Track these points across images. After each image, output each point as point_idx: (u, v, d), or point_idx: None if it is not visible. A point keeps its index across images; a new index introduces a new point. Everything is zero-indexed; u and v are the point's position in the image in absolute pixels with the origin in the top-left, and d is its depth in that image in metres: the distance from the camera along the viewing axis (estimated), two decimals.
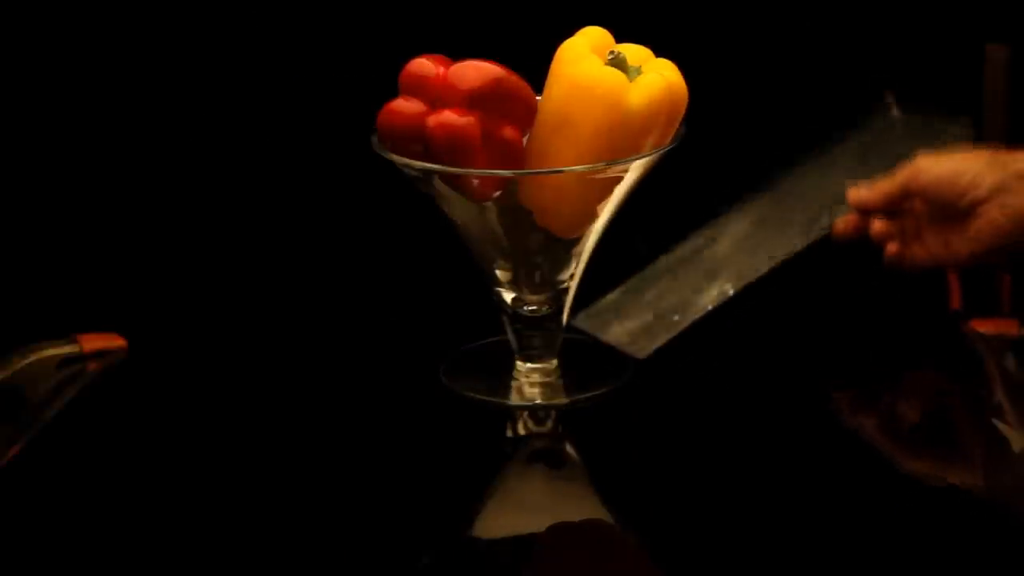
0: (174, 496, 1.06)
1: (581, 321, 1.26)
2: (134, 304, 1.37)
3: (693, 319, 1.29)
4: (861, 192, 1.35)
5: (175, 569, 0.99)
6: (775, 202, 1.41)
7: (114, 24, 1.50)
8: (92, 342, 1.26)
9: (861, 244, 1.35)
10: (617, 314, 1.30)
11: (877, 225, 1.34)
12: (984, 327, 1.26)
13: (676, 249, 1.37)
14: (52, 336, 1.26)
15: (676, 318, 1.29)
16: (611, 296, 1.32)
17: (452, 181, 1.09)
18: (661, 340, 1.27)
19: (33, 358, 1.24)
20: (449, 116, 1.07)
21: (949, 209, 1.30)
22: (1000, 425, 1.12)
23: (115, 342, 1.27)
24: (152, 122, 1.52)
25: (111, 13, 1.49)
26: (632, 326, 1.29)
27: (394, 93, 1.09)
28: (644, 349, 1.27)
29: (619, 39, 1.11)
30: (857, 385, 1.21)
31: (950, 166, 1.31)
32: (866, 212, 1.34)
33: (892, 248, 1.33)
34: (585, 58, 1.08)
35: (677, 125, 1.11)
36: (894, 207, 1.33)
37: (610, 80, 1.07)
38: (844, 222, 1.35)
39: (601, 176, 1.09)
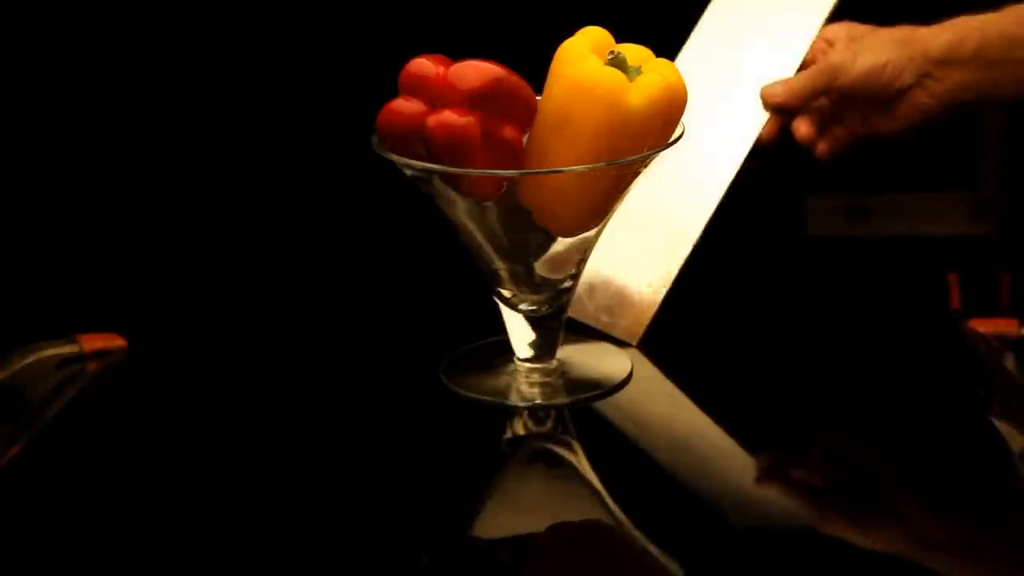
0: (174, 496, 1.06)
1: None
2: (134, 304, 1.37)
3: (664, 289, 1.27)
4: (777, 94, 1.33)
5: (175, 569, 0.99)
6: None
7: (114, 24, 1.50)
8: (92, 342, 1.26)
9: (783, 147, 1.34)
10: (587, 292, 1.28)
11: (803, 129, 1.34)
12: (984, 327, 1.26)
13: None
14: (52, 336, 1.26)
15: (648, 286, 1.27)
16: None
17: (452, 181, 1.09)
18: (645, 320, 1.26)
19: (33, 358, 1.24)
20: (449, 116, 1.07)
21: (874, 99, 1.31)
22: (1000, 425, 1.12)
23: (115, 342, 1.27)
24: (152, 122, 1.52)
25: (111, 13, 1.49)
26: (607, 306, 1.27)
27: (394, 93, 1.09)
28: (634, 333, 1.26)
29: (619, 39, 1.11)
30: (857, 385, 1.21)
31: (868, 61, 1.31)
32: (785, 113, 1.33)
33: (822, 147, 1.34)
34: (585, 58, 1.08)
35: (677, 125, 1.11)
36: (811, 104, 1.33)
37: (610, 80, 1.07)
38: (767, 130, 1.33)
39: (601, 176, 1.09)
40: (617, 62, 1.08)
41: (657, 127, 1.09)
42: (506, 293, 1.16)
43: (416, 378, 1.21)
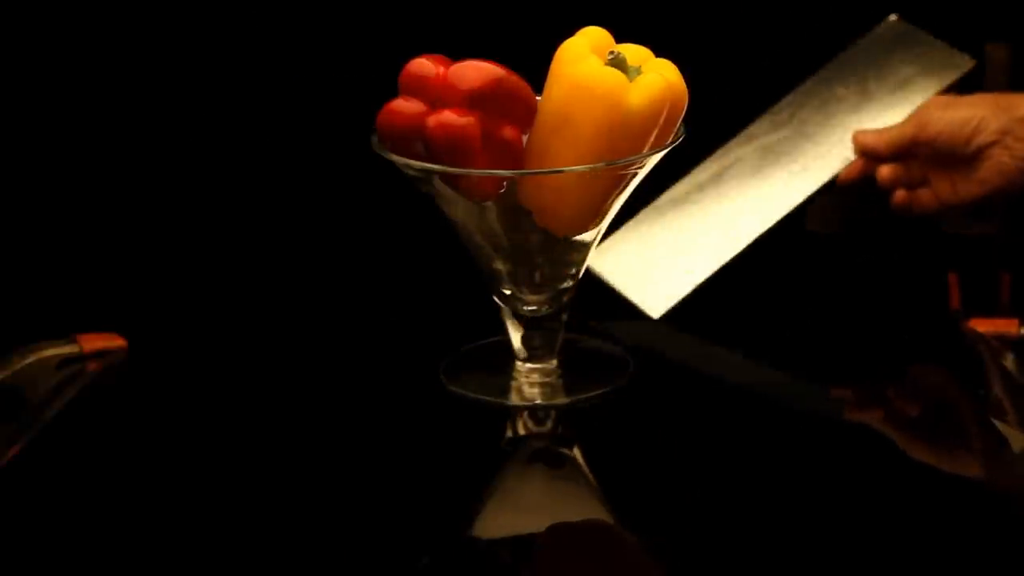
0: (174, 496, 1.06)
1: (592, 261, 1.26)
2: (134, 304, 1.37)
3: (704, 276, 1.30)
4: (868, 139, 1.36)
5: (175, 569, 0.99)
6: (777, 128, 1.40)
7: (114, 24, 1.50)
8: (92, 342, 1.26)
9: (864, 192, 1.37)
10: (625, 255, 1.32)
11: (884, 171, 1.36)
12: (984, 327, 1.26)
13: (682, 182, 1.37)
14: (52, 336, 1.26)
15: (687, 271, 1.31)
16: (619, 233, 1.33)
17: (452, 181, 1.09)
18: (674, 299, 1.29)
19: (33, 358, 1.24)
20: (449, 116, 1.07)
21: (956, 154, 1.32)
22: (1000, 425, 1.12)
23: (115, 342, 1.27)
24: (152, 122, 1.52)
25: (111, 13, 1.49)
26: (641, 274, 1.30)
27: (394, 93, 1.09)
28: (657, 308, 1.28)
29: (619, 39, 1.11)
30: (857, 384, 1.21)
31: (957, 114, 1.33)
32: (873, 159, 1.36)
33: (900, 195, 1.36)
34: (585, 58, 1.08)
35: (677, 125, 1.11)
36: (901, 154, 1.35)
37: (610, 80, 1.07)
38: (849, 170, 1.37)
39: (601, 176, 1.09)
40: (617, 62, 1.08)
41: (657, 127, 1.09)
42: (506, 293, 1.16)
43: (416, 378, 1.21)
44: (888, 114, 1.39)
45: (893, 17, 1.45)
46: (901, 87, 1.40)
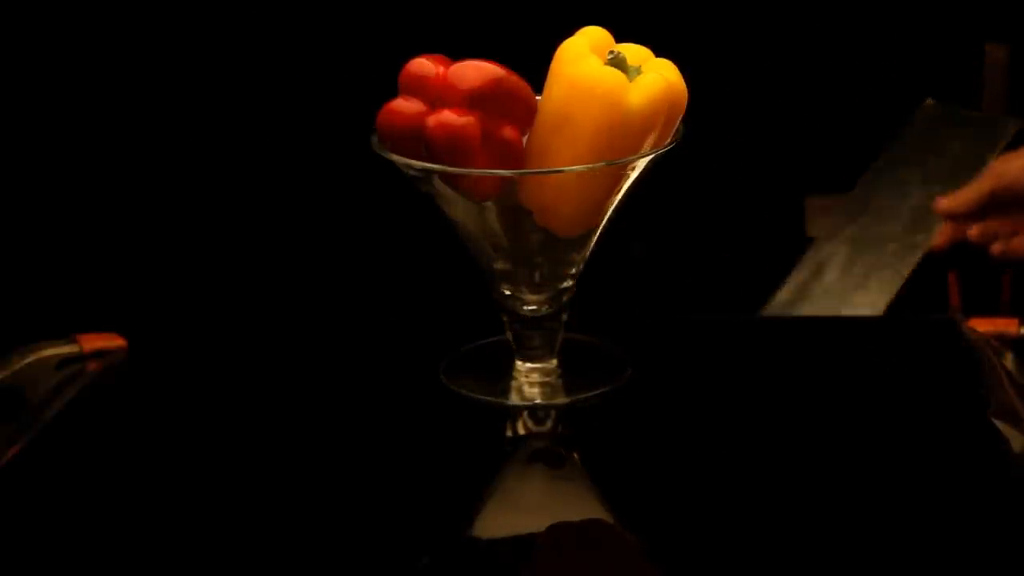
0: (174, 496, 1.06)
1: None
2: (134, 304, 1.37)
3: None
4: (951, 202, 1.41)
5: (175, 569, 0.99)
6: (856, 218, 1.45)
7: (114, 24, 1.50)
8: (92, 342, 1.26)
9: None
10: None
11: (975, 230, 1.41)
12: (984, 327, 1.26)
13: (784, 287, 1.41)
14: (52, 336, 1.26)
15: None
16: None
17: (452, 181, 1.09)
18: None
19: (33, 358, 1.24)
20: (449, 116, 1.06)
21: None
22: (1000, 425, 1.12)
23: (115, 342, 1.27)
24: (152, 122, 1.52)
25: (111, 13, 1.49)
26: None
27: (394, 93, 1.09)
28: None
29: (619, 39, 1.11)
30: (856, 384, 1.21)
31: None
32: (957, 219, 1.40)
33: (997, 248, 1.40)
34: (585, 58, 1.08)
35: (677, 125, 1.11)
36: (982, 209, 1.39)
37: (610, 80, 1.07)
38: (942, 235, 1.41)
39: (601, 176, 1.09)
40: (617, 62, 1.08)
41: (657, 127, 1.09)
42: (506, 293, 1.16)
43: (416, 378, 1.21)
44: (955, 188, 1.43)
45: (929, 101, 1.49)
46: (959, 162, 1.45)
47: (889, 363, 1.23)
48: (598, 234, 1.15)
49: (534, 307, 1.17)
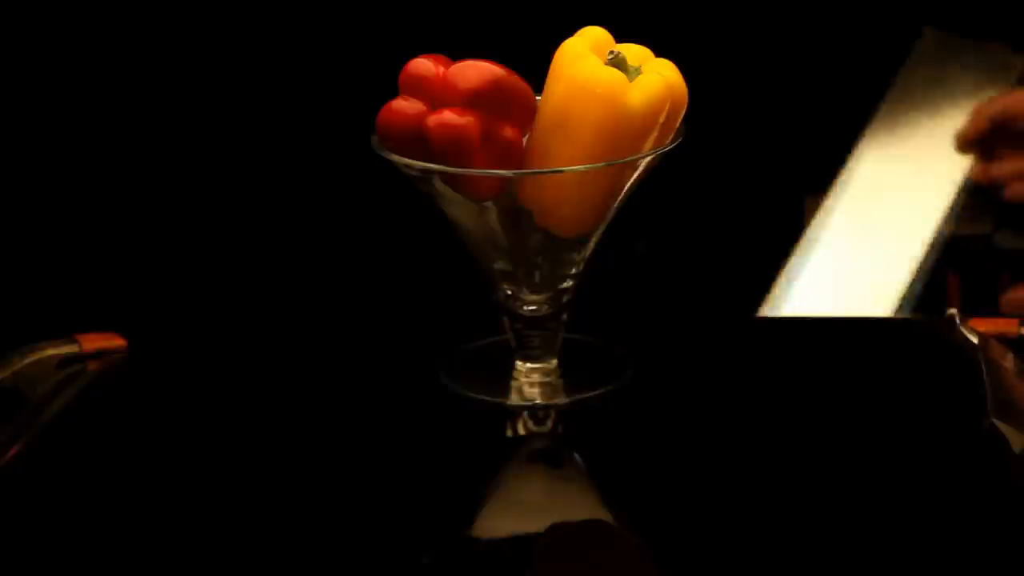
0: (174, 496, 1.06)
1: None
2: (134, 304, 1.37)
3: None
4: (963, 133, 1.39)
5: (175, 569, 0.99)
6: (879, 162, 1.43)
7: (114, 24, 1.50)
8: (92, 342, 1.26)
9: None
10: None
11: (999, 167, 1.38)
12: (984, 327, 1.26)
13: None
14: (52, 336, 1.26)
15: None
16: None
17: (452, 181, 1.09)
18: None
19: (33, 358, 1.24)
20: (449, 116, 1.07)
21: None
22: (1000, 425, 1.12)
23: (115, 342, 1.27)
24: (152, 122, 1.52)
25: (111, 13, 1.49)
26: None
27: (394, 93, 1.09)
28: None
29: (619, 39, 1.11)
30: (856, 384, 1.21)
31: None
32: (976, 144, 1.38)
33: (999, 171, 1.39)
34: (585, 58, 1.08)
35: (677, 125, 1.11)
36: (995, 130, 1.37)
37: (610, 80, 1.07)
38: (976, 171, 1.40)
39: (601, 176, 1.09)
40: (617, 62, 1.08)
41: (657, 127, 1.09)
42: (506, 293, 1.16)
43: (416, 378, 1.21)
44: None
45: (928, 29, 1.47)
46: (969, 98, 1.42)
47: (889, 363, 1.23)
48: (599, 234, 1.15)
49: (534, 307, 1.17)
